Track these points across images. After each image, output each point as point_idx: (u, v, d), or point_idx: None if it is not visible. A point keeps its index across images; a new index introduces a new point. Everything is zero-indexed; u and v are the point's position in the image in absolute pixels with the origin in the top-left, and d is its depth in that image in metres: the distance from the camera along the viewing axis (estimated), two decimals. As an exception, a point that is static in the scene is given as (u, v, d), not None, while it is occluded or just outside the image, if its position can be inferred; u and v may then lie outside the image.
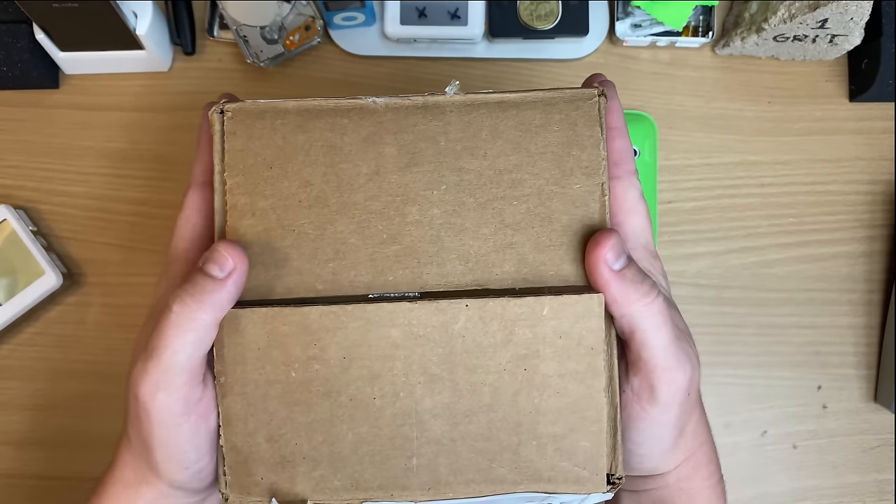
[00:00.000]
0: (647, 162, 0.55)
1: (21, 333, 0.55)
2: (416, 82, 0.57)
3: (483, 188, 0.33)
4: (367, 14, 0.55)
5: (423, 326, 0.31)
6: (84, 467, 0.54)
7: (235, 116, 0.35)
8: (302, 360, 0.32)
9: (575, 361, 0.32)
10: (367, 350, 0.31)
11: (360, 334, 0.31)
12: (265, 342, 0.32)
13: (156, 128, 0.57)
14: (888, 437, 0.56)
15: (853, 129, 0.58)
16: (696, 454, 0.37)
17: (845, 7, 0.49)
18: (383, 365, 0.32)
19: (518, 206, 0.33)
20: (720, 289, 0.56)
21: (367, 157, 0.34)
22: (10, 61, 0.54)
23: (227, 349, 0.32)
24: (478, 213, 0.33)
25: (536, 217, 0.33)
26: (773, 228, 0.57)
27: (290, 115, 0.34)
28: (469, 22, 0.55)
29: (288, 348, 0.32)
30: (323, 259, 0.33)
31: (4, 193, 0.56)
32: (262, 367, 0.32)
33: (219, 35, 0.57)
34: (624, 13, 0.56)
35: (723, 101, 0.58)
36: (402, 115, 0.34)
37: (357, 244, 0.33)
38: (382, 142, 0.34)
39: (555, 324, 0.31)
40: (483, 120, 0.34)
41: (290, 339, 0.31)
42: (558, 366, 0.32)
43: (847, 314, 0.57)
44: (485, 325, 0.31)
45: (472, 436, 0.32)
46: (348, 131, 0.34)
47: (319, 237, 0.33)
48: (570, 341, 0.32)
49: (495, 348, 0.32)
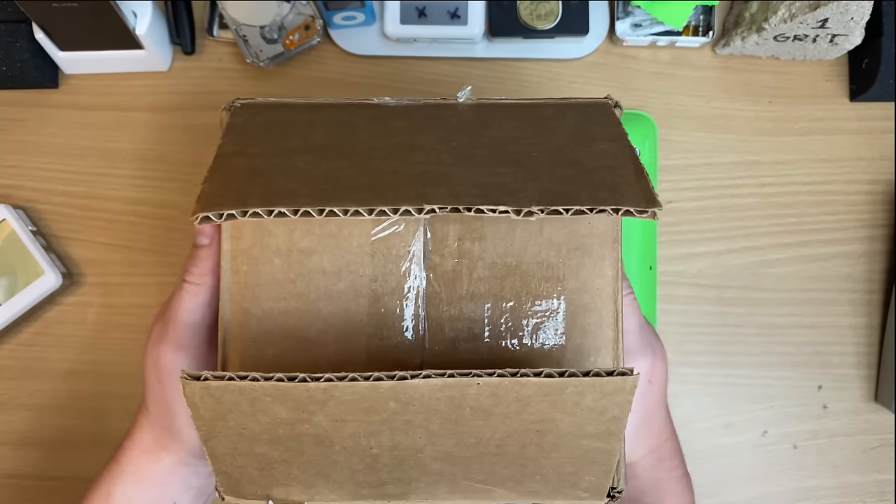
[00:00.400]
0: (647, 162, 0.55)
1: (21, 333, 0.55)
2: (416, 82, 0.57)
3: (498, 146, 0.32)
4: (366, 14, 0.55)
5: (428, 400, 0.29)
6: (84, 467, 0.54)
7: (244, 107, 0.35)
8: (289, 422, 0.29)
9: (594, 426, 0.29)
10: (363, 416, 0.29)
11: (353, 405, 0.29)
12: (249, 409, 0.29)
13: (155, 127, 0.57)
14: (888, 438, 0.56)
15: (853, 128, 0.58)
16: (661, 448, 0.39)
17: (846, 7, 0.49)
18: (381, 425, 0.30)
19: (539, 156, 0.32)
20: (720, 289, 0.56)
21: (375, 126, 0.33)
22: (10, 61, 0.54)
23: (206, 412, 0.29)
24: (493, 159, 0.32)
25: (560, 162, 0.32)
26: (774, 228, 0.57)
27: (299, 105, 0.34)
28: (469, 21, 0.54)
29: (274, 413, 0.29)
30: (315, 184, 0.30)
31: (4, 193, 0.56)
32: (247, 425, 0.30)
33: (218, 35, 0.57)
34: (624, 13, 0.56)
35: (723, 100, 0.58)
36: (413, 107, 0.34)
37: (353, 175, 0.31)
38: (392, 117, 0.34)
39: (577, 399, 0.29)
40: (495, 111, 0.34)
41: (276, 406, 0.29)
42: (575, 429, 0.30)
43: (847, 314, 0.57)
44: (497, 399, 0.29)
45: (472, 471, 0.31)
46: (358, 114, 0.34)
47: (312, 171, 0.32)
48: (592, 413, 0.29)
49: (507, 417, 0.29)
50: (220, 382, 0.28)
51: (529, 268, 0.33)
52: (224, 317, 0.33)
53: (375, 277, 0.33)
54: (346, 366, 0.33)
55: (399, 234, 0.33)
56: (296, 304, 0.33)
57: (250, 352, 0.33)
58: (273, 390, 0.28)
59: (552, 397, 0.28)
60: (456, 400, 0.28)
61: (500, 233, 0.33)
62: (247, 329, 0.33)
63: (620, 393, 0.28)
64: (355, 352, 0.33)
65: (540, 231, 0.33)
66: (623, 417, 0.29)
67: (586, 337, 0.33)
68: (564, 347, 0.33)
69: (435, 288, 0.33)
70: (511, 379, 0.28)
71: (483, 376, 0.28)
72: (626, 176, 0.31)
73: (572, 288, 0.33)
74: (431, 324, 0.33)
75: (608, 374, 0.28)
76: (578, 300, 0.33)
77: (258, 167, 0.32)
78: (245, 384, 0.28)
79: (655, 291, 0.55)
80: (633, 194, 0.29)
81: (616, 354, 0.34)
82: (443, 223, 0.33)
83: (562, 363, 0.33)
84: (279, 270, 0.33)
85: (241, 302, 0.33)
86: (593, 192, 0.30)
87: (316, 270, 0.33)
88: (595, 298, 0.33)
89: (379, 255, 0.33)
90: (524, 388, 0.28)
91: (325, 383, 0.28)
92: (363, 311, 0.33)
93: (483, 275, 0.33)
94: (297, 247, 0.33)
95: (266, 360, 0.33)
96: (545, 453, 0.30)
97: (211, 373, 0.28)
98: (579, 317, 0.33)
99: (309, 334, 0.33)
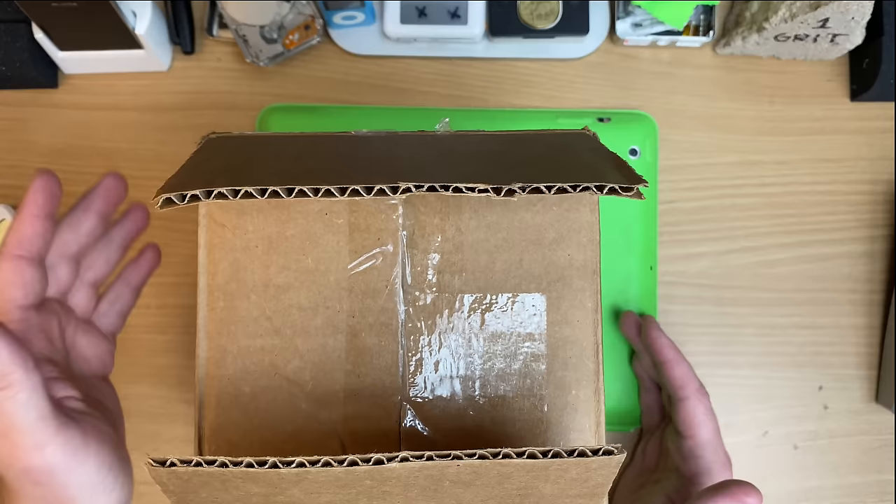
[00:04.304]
0: (647, 162, 0.55)
1: (20, 333, 0.55)
2: (415, 82, 0.57)
3: (478, 152, 0.32)
4: (366, 13, 0.55)
5: (406, 479, 0.28)
6: (83, 468, 0.54)
7: (218, 137, 0.35)
8: (263, 494, 0.28)
9: (578, 489, 0.29)
10: (339, 490, 0.28)
11: (328, 484, 0.27)
12: (220, 486, 0.28)
13: (155, 127, 0.57)
14: (889, 438, 0.56)
15: (854, 128, 0.58)
16: None
17: (846, 6, 0.49)
18: (358, 496, 0.28)
19: (519, 157, 0.32)
20: (721, 289, 0.56)
21: (352, 142, 0.33)
22: (9, 61, 0.54)
23: (176, 487, 0.28)
24: (473, 158, 0.31)
25: (541, 161, 0.32)
26: (775, 228, 0.57)
27: (275, 135, 0.35)
28: (469, 21, 0.54)
29: (246, 489, 0.28)
30: (285, 176, 0.29)
31: (3, 193, 0.56)
32: (219, 497, 0.28)
33: (218, 34, 0.57)
34: (624, 12, 0.56)
35: (724, 100, 0.58)
36: (392, 134, 0.34)
37: (327, 170, 0.30)
38: (371, 140, 0.34)
39: (561, 473, 0.28)
40: (474, 137, 0.35)
41: (248, 485, 0.28)
42: (559, 492, 0.29)
43: (848, 314, 0.57)
44: (477, 475, 0.28)
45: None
46: (335, 138, 0.34)
47: (284, 167, 0.31)
48: (576, 482, 0.28)
49: (488, 486, 0.28)
50: (187, 468, 0.26)
51: (510, 301, 0.33)
52: (200, 355, 0.33)
53: (353, 313, 0.33)
54: (324, 405, 0.32)
55: (377, 267, 0.33)
56: (272, 340, 0.33)
57: (227, 390, 0.33)
58: (243, 475, 0.27)
59: (535, 473, 0.28)
60: (435, 477, 0.28)
61: (479, 265, 0.33)
62: (223, 367, 0.33)
63: (606, 468, 0.28)
64: (333, 390, 0.33)
65: (520, 263, 0.33)
66: (608, 482, 0.29)
67: (567, 370, 0.33)
68: (546, 381, 0.33)
69: (415, 323, 0.33)
70: (493, 461, 0.27)
71: (464, 458, 0.26)
72: (607, 166, 0.31)
73: (552, 320, 0.33)
74: (410, 359, 0.33)
75: (594, 452, 0.27)
76: (559, 332, 0.33)
77: (227, 165, 0.31)
78: (214, 470, 0.26)
79: (656, 291, 0.55)
80: (616, 176, 0.29)
81: (597, 387, 0.34)
82: (423, 255, 0.33)
83: (543, 398, 0.33)
84: (255, 307, 0.32)
85: (217, 339, 0.33)
86: (576, 174, 0.29)
87: (293, 306, 0.33)
88: (576, 331, 0.33)
89: (356, 290, 0.33)
90: (506, 468, 0.27)
91: (297, 469, 0.26)
92: (341, 346, 0.33)
93: (463, 308, 0.33)
94: (273, 282, 0.33)
95: (243, 398, 0.32)
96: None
97: (178, 458, 0.26)
98: (560, 349, 0.33)
99: (286, 371, 0.32)
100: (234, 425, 0.33)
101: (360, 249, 0.33)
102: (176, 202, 0.28)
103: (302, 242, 0.33)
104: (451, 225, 0.33)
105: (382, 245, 0.33)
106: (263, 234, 0.33)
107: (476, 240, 0.33)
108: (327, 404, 0.32)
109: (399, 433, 0.33)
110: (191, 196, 0.28)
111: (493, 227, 0.33)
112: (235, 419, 0.33)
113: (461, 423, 0.33)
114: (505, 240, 0.33)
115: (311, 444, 0.32)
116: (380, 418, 0.33)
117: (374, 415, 0.33)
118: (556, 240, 0.34)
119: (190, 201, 0.28)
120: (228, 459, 0.26)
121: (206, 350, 0.33)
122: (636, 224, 0.54)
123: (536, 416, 0.33)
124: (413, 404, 0.33)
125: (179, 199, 0.28)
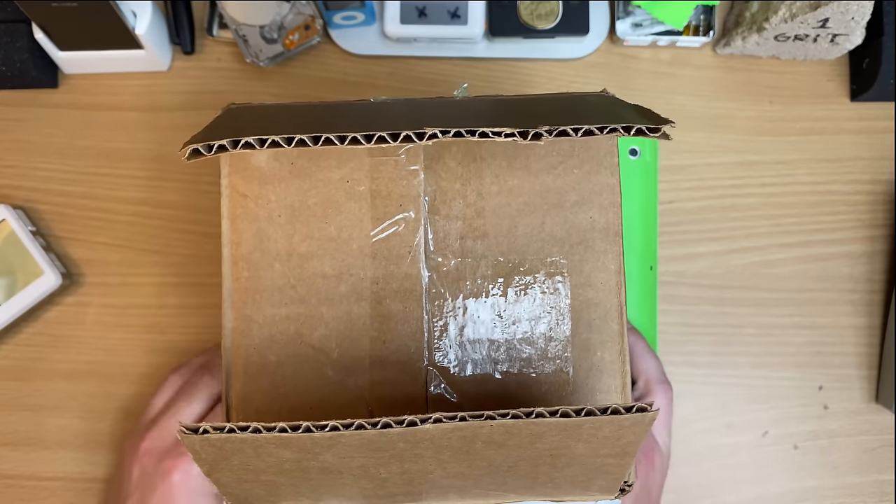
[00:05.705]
0: (647, 162, 0.55)
1: (20, 333, 0.55)
2: (415, 82, 0.57)
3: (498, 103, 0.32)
4: (366, 13, 0.55)
5: (438, 440, 0.27)
6: (84, 468, 0.54)
7: (238, 106, 0.35)
8: (295, 460, 0.28)
9: (609, 448, 0.28)
10: (372, 453, 0.28)
11: (361, 447, 0.27)
12: (252, 452, 0.28)
13: (155, 127, 0.57)
14: (889, 438, 0.56)
15: (854, 128, 0.58)
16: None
17: (846, 6, 0.49)
18: (390, 459, 0.28)
19: (540, 108, 0.32)
20: (721, 289, 0.56)
21: (372, 107, 0.33)
22: (9, 61, 0.54)
23: (208, 455, 0.28)
24: (495, 109, 0.31)
25: (563, 111, 0.32)
26: (775, 228, 0.57)
27: (294, 104, 0.35)
28: (469, 21, 0.54)
29: (279, 455, 0.28)
30: (309, 126, 0.29)
31: (3, 193, 0.56)
32: (252, 463, 0.28)
33: (218, 34, 0.57)
34: (624, 12, 0.56)
35: (724, 100, 0.58)
36: (410, 99, 0.35)
37: (349, 121, 0.30)
38: (391, 104, 0.34)
39: (594, 431, 0.27)
40: (493, 100, 0.35)
41: (281, 450, 0.27)
42: (590, 451, 0.29)
43: (848, 314, 0.57)
44: (510, 435, 0.27)
45: (483, 484, 0.31)
46: (356, 104, 0.34)
47: (306, 121, 0.31)
48: (608, 440, 0.28)
49: (520, 447, 0.28)
50: (220, 435, 0.26)
51: (533, 265, 0.33)
52: (226, 325, 0.33)
53: (377, 279, 0.33)
54: (350, 372, 0.32)
55: (399, 234, 0.33)
56: (297, 309, 0.33)
57: (253, 359, 0.33)
58: (276, 440, 0.26)
59: (567, 431, 0.27)
60: (468, 438, 0.27)
61: (502, 229, 0.33)
62: (249, 336, 0.33)
63: (639, 425, 0.27)
64: (358, 357, 0.33)
65: (542, 227, 0.33)
66: (639, 441, 0.28)
67: (592, 332, 0.34)
68: (570, 343, 0.33)
69: (438, 288, 0.33)
70: (525, 420, 0.26)
71: (496, 418, 0.26)
72: (631, 111, 0.31)
73: (576, 283, 0.33)
74: (435, 324, 0.33)
75: (627, 410, 0.26)
76: (583, 295, 0.33)
77: (251, 124, 0.31)
78: (247, 436, 0.26)
79: (656, 292, 0.55)
80: (640, 118, 0.29)
81: (622, 348, 0.34)
82: (445, 220, 0.33)
83: (568, 360, 0.33)
84: (279, 276, 0.33)
85: (242, 309, 0.33)
86: (600, 118, 0.29)
87: (317, 274, 0.33)
88: (599, 293, 0.33)
89: (380, 256, 0.33)
90: (539, 427, 0.27)
91: (331, 433, 0.26)
92: (366, 314, 0.33)
93: (486, 273, 0.33)
94: (296, 251, 0.33)
95: (269, 367, 0.33)
96: (558, 469, 0.30)
97: (210, 425, 0.26)
98: (584, 312, 0.33)
99: (312, 339, 0.33)
100: (262, 394, 0.33)
101: (382, 216, 0.33)
102: (203, 153, 0.28)
103: (324, 210, 0.33)
104: (472, 190, 0.33)
105: (404, 211, 0.33)
106: (286, 203, 0.33)
107: (497, 204, 0.33)
108: (353, 371, 0.32)
109: (426, 398, 0.33)
110: (218, 146, 0.27)
111: (515, 191, 0.33)
112: (262, 388, 0.33)
113: (487, 387, 0.33)
114: (526, 204, 0.33)
115: (338, 411, 0.32)
116: (406, 384, 0.33)
117: (401, 381, 0.33)
118: (577, 202, 0.34)
119: (217, 151, 0.27)
120: (262, 425, 0.26)
121: (231, 320, 0.33)
122: (636, 224, 0.54)
123: (562, 378, 0.33)
124: (439, 369, 0.33)
125: (206, 149, 0.28)
